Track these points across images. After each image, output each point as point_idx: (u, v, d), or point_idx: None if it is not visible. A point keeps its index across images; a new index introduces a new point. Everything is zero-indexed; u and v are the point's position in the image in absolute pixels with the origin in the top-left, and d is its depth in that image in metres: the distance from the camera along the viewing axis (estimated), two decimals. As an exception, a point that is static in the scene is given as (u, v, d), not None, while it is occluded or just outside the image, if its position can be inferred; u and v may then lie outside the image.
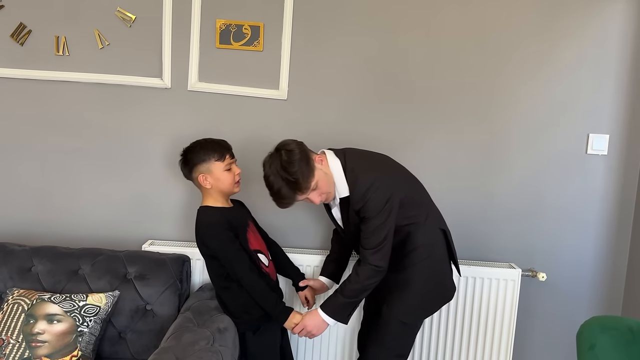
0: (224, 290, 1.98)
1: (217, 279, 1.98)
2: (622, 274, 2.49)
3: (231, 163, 2.00)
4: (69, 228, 2.42)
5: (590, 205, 2.44)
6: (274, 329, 2.03)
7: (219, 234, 1.91)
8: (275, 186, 1.81)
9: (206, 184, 1.95)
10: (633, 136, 2.40)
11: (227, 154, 1.98)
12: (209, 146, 1.97)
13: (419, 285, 1.95)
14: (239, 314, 1.97)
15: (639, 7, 2.33)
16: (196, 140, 2.01)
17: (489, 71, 2.36)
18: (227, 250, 1.89)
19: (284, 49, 2.33)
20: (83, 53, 2.34)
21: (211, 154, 1.95)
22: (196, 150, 1.97)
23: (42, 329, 1.84)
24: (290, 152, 1.81)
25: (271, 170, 1.82)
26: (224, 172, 1.96)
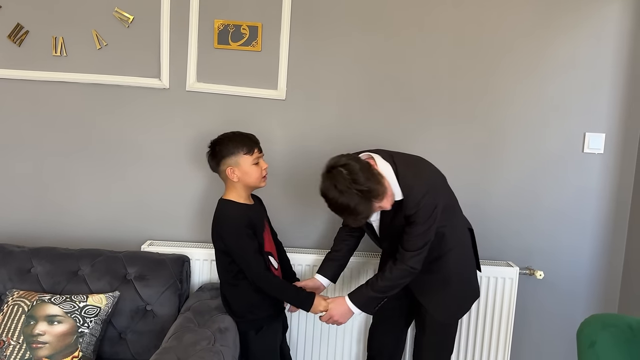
0: (231, 288, 1.98)
1: (226, 275, 1.97)
2: (619, 271, 2.51)
3: (259, 157, 1.98)
4: (67, 229, 2.41)
5: (586, 204, 2.46)
6: (275, 330, 2.04)
7: (239, 231, 1.90)
8: (352, 204, 1.69)
9: (233, 177, 1.94)
10: (629, 135, 2.43)
11: (255, 148, 1.97)
12: (238, 139, 1.96)
13: (456, 287, 2.01)
14: (243, 313, 1.97)
15: (635, 7, 2.35)
16: (224, 133, 2.00)
17: (485, 70, 2.37)
18: (245, 249, 1.89)
19: (282, 49, 2.34)
20: (81, 54, 2.34)
21: (240, 147, 1.94)
22: (225, 142, 1.95)
23: (43, 330, 1.84)
24: (347, 165, 1.72)
25: (339, 190, 1.70)
26: (252, 166, 1.95)
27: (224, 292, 2.02)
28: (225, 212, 1.95)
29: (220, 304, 2.03)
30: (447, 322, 2.05)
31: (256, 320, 1.98)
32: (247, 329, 1.97)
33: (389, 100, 2.38)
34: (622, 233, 2.49)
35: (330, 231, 2.45)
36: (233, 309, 1.99)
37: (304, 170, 2.34)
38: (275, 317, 2.05)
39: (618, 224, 2.48)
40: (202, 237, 2.43)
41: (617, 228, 2.48)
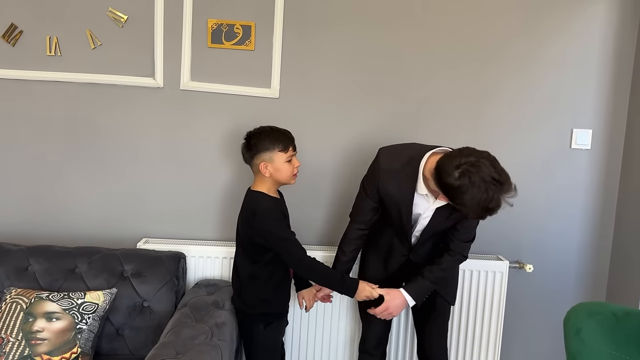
0: (251, 280, 2.00)
1: (251, 266, 1.99)
2: (606, 264, 2.57)
3: (292, 155, 2.00)
4: (63, 227, 2.43)
5: (574, 198, 2.52)
6: (282, 327, 2.10)
7: (278, 220, 1.95)
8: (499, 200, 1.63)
9: (265, 172, 1.97)
10: (615, 131, 2.48)
11: (290, 146, 2.00)
12: (275, 135, 1.98)
13: (457, 270, 2.17)
14: (257, 306, 2.00)
15: (619, 7, 2.41)
16: (262, 127, 2.02)
17: (477, 69, 2.42)
18: (286, 236, 1.94)
19: (275, 48, 2.37)
20: (75, 53, 2.35)
21: (276, 144, 1.96)
22: (262, 137, 1.98)
23: (42, 327, 1.87)
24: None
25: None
26: (285, 163, 1.97)
27: (240, 284, 2.03)
28: (259, 202, 1.97)
29: (217, 300, 2.06)
30: (453, 304, 2.18)
31: (268, 314, 2.02)
32: (257, 322, 2.01)
33: (381, 97, 2.42)
34: (609, 226, 2.55)
35: (326, 229, 2.49)
36: (247, 301, 2.01)
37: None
38: (285, 314, 2.10)
39: (605, 217, 2.54)
40: (198, 235, 2.46)
41: (605, 221, 2.54)
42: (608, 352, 1.28)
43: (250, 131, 2.03)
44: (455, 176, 1.59)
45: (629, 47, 2.43)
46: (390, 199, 1.92)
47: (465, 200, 1.60)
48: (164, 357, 1.60)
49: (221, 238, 2.47)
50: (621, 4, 2.41)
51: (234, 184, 2.41)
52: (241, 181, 2.38)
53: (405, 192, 1.87)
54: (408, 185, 1.86)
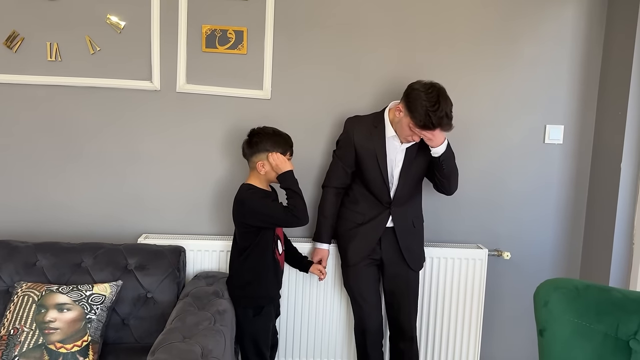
0: (241, 265, 2.17)
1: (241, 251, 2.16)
2: (578, 251, 2.75)
3: (289, 159, 2.19)
4: (65, 226, 2.53)
5: (548, 190, 2.69)
6: (270, 314, 2.24)
7: (260, 195, 2.14)
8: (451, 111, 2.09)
9: (262, 170, 2.14)
10: (585, 126, 2.66)
11: (289, 151, 2.18)
12: (276, 139, 2.16)
13: (422, 239, 2.43)
14: (246, 288, 2.17)
15: (587, 11, 2.58)
16: (266, 127, 2.20)
17: (455, 67, 2.57)
18: (265, 203, 2.13)
19: (267, 52, 2.50)
20: (75, 58, 2.45)
21: (276, 147, 2.15)
22: (265, 138, 2.15)
23: (54, 317, 1.98)
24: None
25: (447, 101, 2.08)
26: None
27: (233, 270, 2.22)
28: (246, 189, 2.16)
29: (217, 290, 2.19)
30: (418, 271, 2.40)
31: (257, 297, 2.17)
32: (246, 308, 2.15)
33: (369, 97, 2.56)
34: (580, 215, 2.73)
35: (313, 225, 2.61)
36: (237, 285, 2.18)
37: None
38: (272, 300, 2.25)
39: (577, 207, 2.72)
40: (195, 230, 2.59)
41: (576, 211, 2.72)
42: (571, 320, 1.46)
43: (254, 129, 2.21)
44: (424, 87, 2.09)
45: (597, 48, 2.61)
46: (366, 149, 2.25)
47: (417, 106, 2.05)
48: (173, 340, 1.72)
49: (217, 232, 2.59)
50: (589, 8, 2.58)
51: (229, 181, 2.54)
52: (235, 178, 2.50)
53: (376, 137, 2.24)
54: (377, 133, 2.24)
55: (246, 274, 2.17)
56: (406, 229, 2.33)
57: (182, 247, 2.38)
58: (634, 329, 1.44)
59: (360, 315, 2.40)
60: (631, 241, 2.50)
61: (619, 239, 2.50)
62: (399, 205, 2.31)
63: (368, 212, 2.33)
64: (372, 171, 2.28)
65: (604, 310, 1.46)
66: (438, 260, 2.56)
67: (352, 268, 2.37)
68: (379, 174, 2.26)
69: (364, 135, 2.27)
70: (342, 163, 2.33)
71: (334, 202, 2.38)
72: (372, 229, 2.32)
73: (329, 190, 2.38)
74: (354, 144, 2.28)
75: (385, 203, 2.30)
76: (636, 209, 2.48)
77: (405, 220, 2.33)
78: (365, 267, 2.36)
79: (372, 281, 2.39)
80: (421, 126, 2.07)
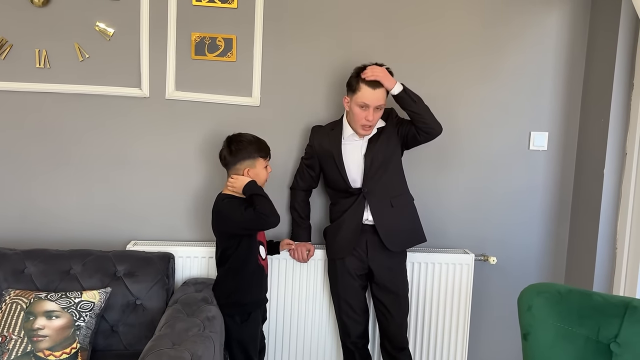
0: (227, 272, 2.19)
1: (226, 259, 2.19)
2: (563, 255, 2.79)
3: (268, 162, 2.25)
4: (53, 233, 2.52)
5: (533, 195, 2.74)
6: (257, 319, 2.25)
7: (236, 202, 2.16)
8: None
9: (247, 176, 2.18)
10: (569, 133, 2.71)
11: (268, 155, 2.25)
12: (258, 145, 2.22)
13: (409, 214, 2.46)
14: (233, 295, 2.19)
15: (570, 18, 2.64)
16: (241, 134, 2.24)
17: (441, 76, 2.62)
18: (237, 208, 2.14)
19: (256, 59, 2.52)
20: (63, 66, 2.46)
21: (259, 152, 2.20)
22: (245, 145, 2.19)
23: (42, 325, 1.98)
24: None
25: None
26: (263, 169, 2.22)
27: (217, 278, 2.24)
28: (221, 200, 2.19)
29: (206, 296, 2.20)
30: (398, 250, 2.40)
31: (244, 304, 2.19)
32: (234, 315, 2.16)
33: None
34: (565, 220, 2.77)
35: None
36: (222, 292, 2.20)
37: (277, 173, 2.50)
38: (259, 305, 2.27)
39: (561, 212, 2.76)
40: (183, 236, 2.59)
41: (561, 216, 2.77)
42: (554, 324, 1.50)
43: (230, 137, 2.23)
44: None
45: (579, 56, 2.66)
46: (325, 152, 2.37)
47: (351, 78, 2.26)
48: (162, 347, 1.73)
49: (206, 239, 2.60)
50: (571, 17, 2.64)
51: (218, 188, 2.51)
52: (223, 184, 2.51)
53: (333, 139, 2.37)
54: (334, 135, 2.37)
55: (230, 282, 2.19)
56: (382, 210, 2.34)
57: (171, 253, 2.38)
58: (615, 332, 1.48)
59: (345, 322, 2.43)
60: (614, 246, 2.54)
61: (603, 244, 2.55)
62: (372, 188, 2.33)
63: (343, 205, 2.38)
64: (331, 172, 2.38)
65: (586, 314, 1.50)
66: (425, 265, 2.59)
67: (340, 274, 2.39)
68: (338, 173, 2.35)
69: (322, 140, 2.40)
70: (306, 168, 2.47)
71: (302, 199, 2.50)
72: (352, 215, 2.35)
73: (296, 192, 2.51)
74: (315, 150, 2.41)
75: (355, 191, 2.35)
76: (619, 214, 2.53)
77: (381, 201, 2.34)
78: (353, 275, 2.38)
79: (359, 289, 2.42)
80: (357, 86, 2.20)
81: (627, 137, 2.50)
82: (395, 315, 2.40)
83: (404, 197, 2.43)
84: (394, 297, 2.39)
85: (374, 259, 2.36)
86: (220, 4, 2.48)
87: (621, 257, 2.51)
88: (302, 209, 2.51)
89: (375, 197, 2.33)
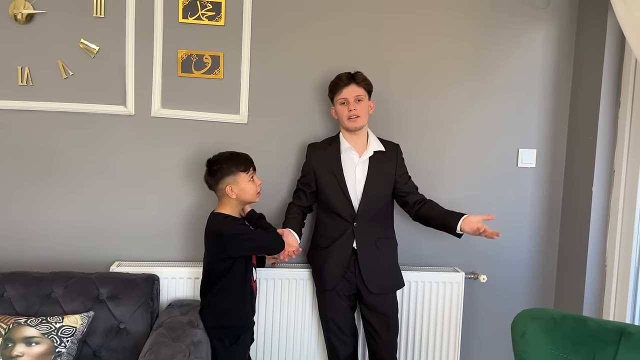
0: (216, 295, 2.12)
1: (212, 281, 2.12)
2: (553, 273, 2.78)
3: (253, 174, 2.17)
4: (35, 253, 2.46)
5: (522, 212, 2.73)
6: (246, 342, 2.21)
7: (238, 223, 2.12)
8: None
9: (232, 194, 2.11)
10: (556, 150, 2.72)
11: (250, 166, 2.16)
12: (235, 159, 2.15)
13: (396, 260, 2.43)
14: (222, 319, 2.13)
15: (556, 38, 2.66)
16: (220, 153, 2.18)
17: (432, 96, 2.62)
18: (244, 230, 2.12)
19: (244, 77, 2.49)
20: (47, 83, 2.41)
21: (237, 166, 2.13)
22: (223, 163, 2.13)
23: (22, 352, 1.91)
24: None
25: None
26: (248, 182, 2.14)
27: (206, 301, 2.17)
28: (223, 221, 2.12)
29: (191, 319, 2.14)
30: (383, 293, 2.36)
31: (234, 327, 2.14)
32: (223, 338, 2.11)
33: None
34: (554, 237, 2.77)
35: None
36: (212, 315, 2.14)
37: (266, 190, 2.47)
38: (249, 327, 2.21)
39: (551, 229, 2.76)
40: (169, 256, 2.54)
41: (550, 233, 2.76)
42: (549, 351, 1.47)
43: (209, 159, 2.19)
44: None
45: (566, 75, 2.68)
46: (324, 168, 2.34)
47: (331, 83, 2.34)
48: (146, 375, 1.68)
49: (192, 259, 2.55)
50: (557, 37, 2.65)
51: (204, 207, 2.49)
52: (211, 203, 2.45)
53: (331, 154, 2.35)
54: (332, 149, 2.36)
55: (221, 305, 2.13)
56: (368, 250, 2.32)
57: (156, 275, 2.33)
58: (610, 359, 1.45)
59: (333, 344, 2.39)
60: (604, 263, 2.54)
61: (592, 261, 2.54)
62: (363, 222, 2.31)
63: (333, 233, 2.34)
64: (331, 187, 2.33)
65: (581, 341, 1.48)
66: (416, 284, 2.56)
67: (329, 295, 2.35)
68: (339, 187, 2.31)
69: (320, 156, 2.37)
70: (302, 186, 2.41)
71: (295, 211, 2.40)
72: (339, 249, 2.32)
73: (291, 205, 2.44)
74: (313, 167, 2.37)
75: (349, 218, 2.31)
76: (608, 231, 2.52)
77: (368, 240, 2.32)
78: (341, 295, 2.34)
79: (347, 310, 2.38)
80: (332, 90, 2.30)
81: (614, 154, 2.50)
82: (384, 336, 2.36)
83: (390, 241, 2.43)
84: (382, 317, 2.36)
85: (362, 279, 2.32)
86: (207, 22, 2.46)
87: (611, 274, 2.51)
88: (291, 214, 2.39)
89: (363, 236, 2.31)
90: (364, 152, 2.33)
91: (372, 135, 2.38)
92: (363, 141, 2.34)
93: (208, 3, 2.45)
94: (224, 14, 2.46)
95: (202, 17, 2.46)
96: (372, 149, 2.33)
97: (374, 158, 2.33)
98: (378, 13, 2.56)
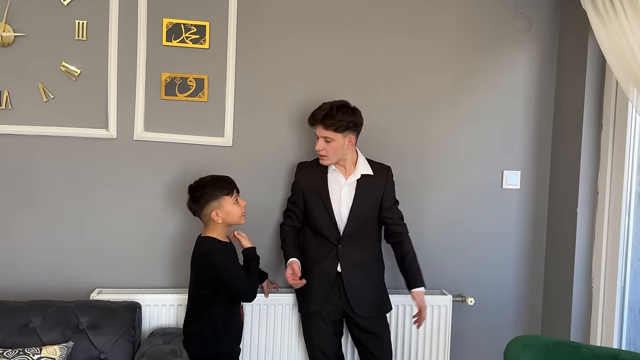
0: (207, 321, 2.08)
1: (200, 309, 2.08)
2: (540, 294, 2.78)
3: (237, 197, 2.14)
4: (13, 280, 2.39)
5: (507, 234, 2.73)
6: None
7: (232, 257, 2.10)
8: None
9: (218, 219, 2.08)
10: (540, 172, 2.74)
11: (234, 189, 2.14)
12: (218, 183, 2.12)
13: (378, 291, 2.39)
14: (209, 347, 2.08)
15: (538, 61, 2.70)
16: (201, 179, 2.15)
17: (416, 118, 2.63)
18: (236, 270, 2.10)
19: (228, 99, 2.48)
20: (27, 106, 2.37)
21: (220, 190, 2.10)
22: (206, 188, 2.10)
23: (-3, 387, 1.84)
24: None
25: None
26: (233, 205, 2.11)
27: (191, 329, 2.11)
28: (212, 244, 2.09)
29: (174, 348, 2.09)
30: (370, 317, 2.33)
31: (219, 356, 2.10)
32: None
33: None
34: (540, 258, 2.77)
35: (270, 271, 2.55)
36: (197, 343, 2.08)
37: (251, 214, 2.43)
38: (236, 355, 2.18)
39: (536, 250, 2.76)
40: (151, 283, 2.48)
41: (536, 254, 2.77)
42: (541, 380, 1.45)
43: (191, 185, 2.16)
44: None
45: (548, 97, 2.72)
46: (311, 188, 2.33)
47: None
48: (127, 409, 1.61)
49: (175, 285, 2.50)
50: (539, 60, 2.70)
51: (187, 232, 2.45)
52: (194, 228, 2.41)
53: (318, 174, 2.33)
54: (319, 170, 2.34)
55: (208, 332, 2.08)
56: (353, 272, 2.29)
57: (138, 302, 2.27)
58: (603, 385, 1.44)
59: None
60: (590, 285, 2.54)
61: (578, 282, 2.54)
62: (349, 244, 2.29)
63: (318, 253, 2.32)
64: (317, 207, 2.31)
65: (573, 368, 1.47)
66: (403, 307, 2.54)
67: (314, 319, 2.31)
68: (324, 208, 2.29)
69: (309, 175, 2.36)
70: (292, 205, 2.40)
71: (292, 234, 2.39)
72: (324, 270, 2.29)
73: (284, 228, 2.42)
74: (301, 187, 2.36)
75: (334, 240, 2.29)
76: (593, 252, 2.53)
77: (353, 263, 2.30)
78: (326, 320, 2.31)
79: (332, 336, 2.34)
80: (309, 122, 2.28)
81: (598, 175, 2.52)
82: (380, 358, 2.32)
83: (377, 263, 2.40)
84: (375, 338, 2.32)
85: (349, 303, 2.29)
86: (191, 45, 2.44)
87: (597, 295, 2.51)
88: (288, 234, 2.39)
89: (348, 258, 2.29)
90: (350, 175, 2.31)
91: (362, 157, 2.35)
92: (351, 164, 2.32)
93: (192, 26, 2.44)
94: (208, 37, 2.45)
95: (186, 39, 2.44)
96: (360, 172, 2.31)
97: (362, 181, 2.31)
98: (363, 38, 2.57)
